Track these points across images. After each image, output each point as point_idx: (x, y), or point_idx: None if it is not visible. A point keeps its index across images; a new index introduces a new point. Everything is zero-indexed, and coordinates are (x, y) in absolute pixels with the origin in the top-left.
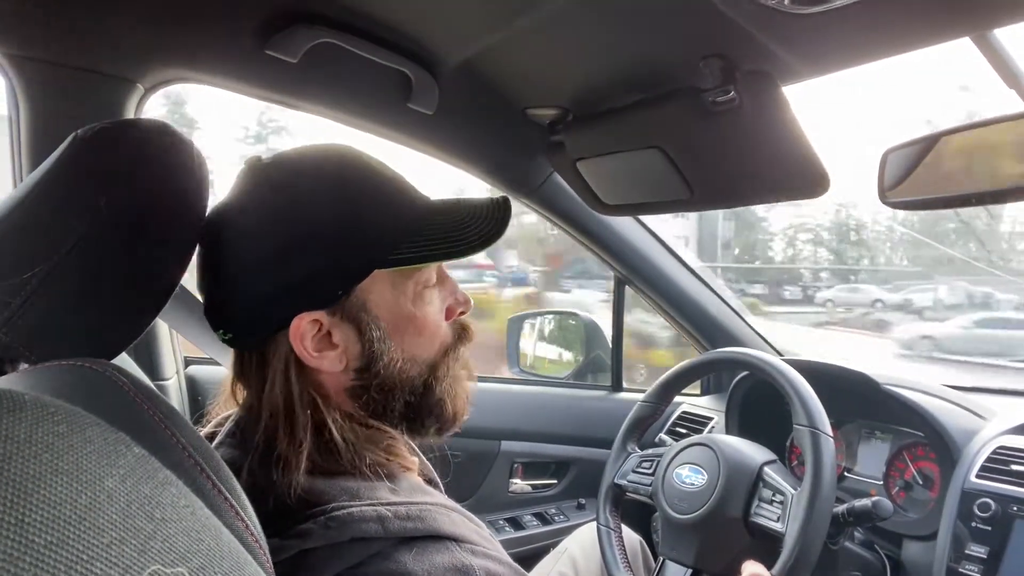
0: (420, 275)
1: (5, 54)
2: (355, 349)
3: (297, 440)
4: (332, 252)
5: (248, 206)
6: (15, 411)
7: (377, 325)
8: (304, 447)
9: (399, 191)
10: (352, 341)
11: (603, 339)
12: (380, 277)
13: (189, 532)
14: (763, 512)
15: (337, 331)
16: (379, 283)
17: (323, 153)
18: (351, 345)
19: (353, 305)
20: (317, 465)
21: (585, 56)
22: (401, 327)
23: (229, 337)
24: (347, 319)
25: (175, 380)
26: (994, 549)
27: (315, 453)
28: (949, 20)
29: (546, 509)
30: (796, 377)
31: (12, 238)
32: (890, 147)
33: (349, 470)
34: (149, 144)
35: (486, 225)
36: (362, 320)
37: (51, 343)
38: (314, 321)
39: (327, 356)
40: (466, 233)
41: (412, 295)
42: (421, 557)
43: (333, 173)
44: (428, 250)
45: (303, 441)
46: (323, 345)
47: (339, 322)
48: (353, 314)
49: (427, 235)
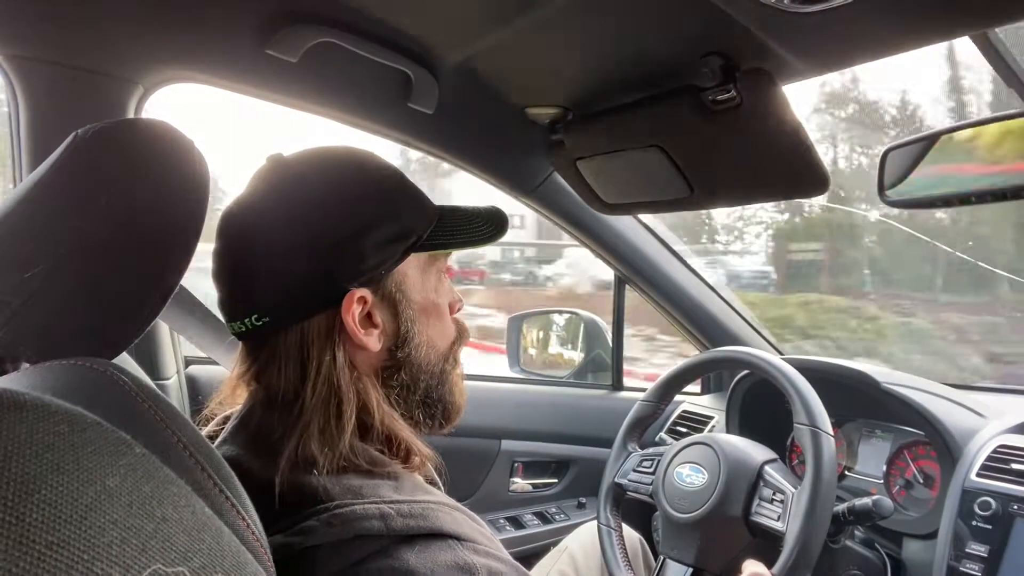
0: (440, 264)
1: (5, 54)
2: (391, 329)
3: (343, 421)
4: (375, 232)
5: (285, 192)
6: (16, 410)
7: (410, 307)
8: (349, 428)
9: (415, 186)
10: (389, 321)
11: (604, 338)
12: (411, 261)
13: (190, 531)
14: (764, 511)
15: (377, 311)
16: (411, 267)
17: (344, 149)
18: (388, 325)
19: (391, 286)
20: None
21: (585, 55)
22: (427, 311)
23: (264, 322)
24: (386, 299)
25: (175, 380)
26: (994, 548)
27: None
28: (949, 19)
29: (546, 508)
30: (797, 376)
31: (12, 238)
32: (890, 145)
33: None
34: (149, 144)
35: (489, 222)
36: (399, 301)
37: (52, 342)
38: (360, 299)
39: (371, 334)
40: (478, 227)
41: (435, 282)
42: (423, 555)
43: (364, 162)
44: (451, 238)
45: (349, 421)
46: (366, 324)
47: (379, 302)
48: (391, 295)
49: (447, 227)
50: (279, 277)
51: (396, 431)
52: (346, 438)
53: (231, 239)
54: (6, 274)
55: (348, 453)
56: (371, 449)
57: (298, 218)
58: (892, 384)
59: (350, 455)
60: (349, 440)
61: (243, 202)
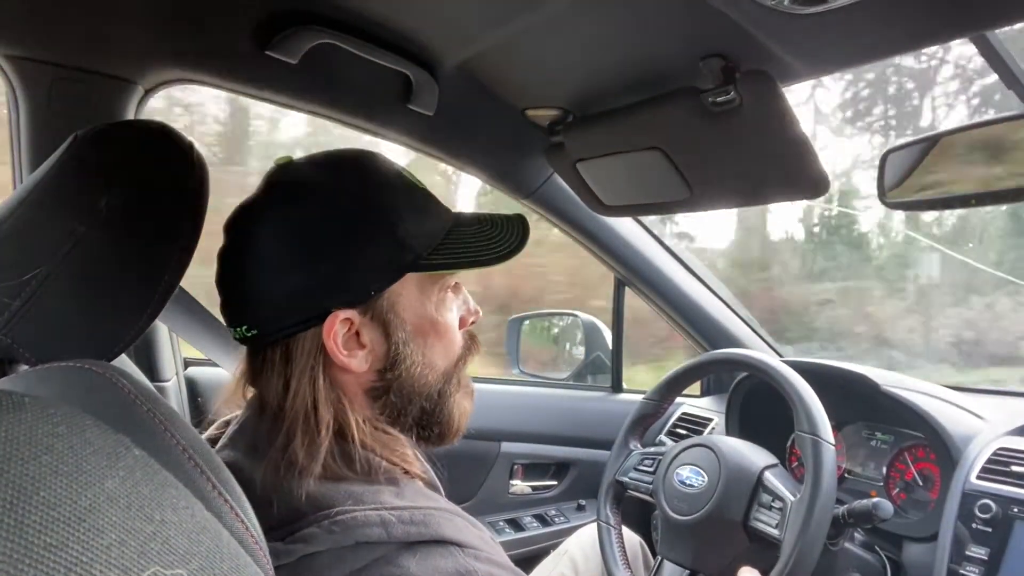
0: (445, 281)
1: (5, 54)
2: (381, 350)
3: (318, 439)
4: (368, 251)
5: (283, 202)
6: (15, 412)
7: (403, 328)
8: (323, 447)
9: (426, 197)
10: (379, 342)
11: (603, 340)
12: (409, 280)
13: (189, 534)
14: (762, 517)
15: (366, 331)
16: (408, 286)
17: (354, 155)
18: (377, 346)
19: (383, 306)
20: (326, 468)
21: (585, 57)
22: (424, 331)
23: (253, 334)
24: (376, 320)
25: (175, 382)
26: (994, 550)
27: (329, 455)
28: (949, 20)
29: (546, 510)
30: (799, 381)
31: (12, 239)
32: (890, 147)
33: (355, 474)
34: (149, 145)
35: (508, 238)
36: (390, 322)
37: (51, 345)
38: (345, 320)
39: (356, 355)
40: (490, 244)
41: (436, 301)
42: (424, 562)
43: (369, 173)
44: (456, 257)
45: (324, 440)
46: (352, 344)
47: (368, 322)
48: (382, 315)
49: (455, 242)
50: (268, 290)
51: (378, 450)
52: (321, 456)
53: (232, 244)
54: (6, 275)
55: (343, 463)
56: (372, 455)
57: (291, 231)
58: (892, 386)
59: (346, 463)
60: (348, 449)
61: (247, 206)
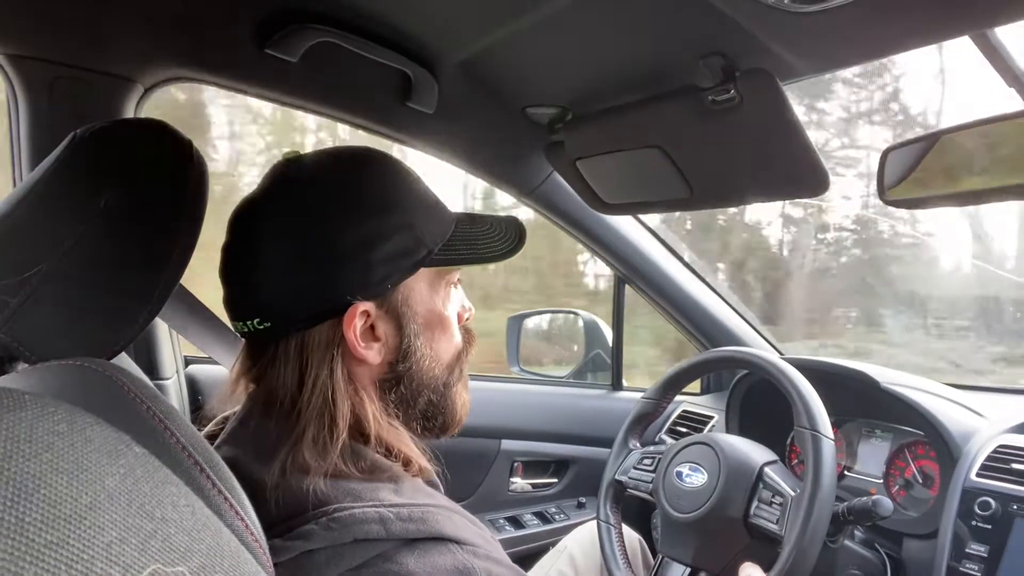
0: (450, 277)
1: (5, 54)
2: (393, 343)
3: (336, 431)
4: (388, 245)
5: (299, 196)
6: (15, 410)
7: (415, 320)
8: (340, 440)
9: (433, 195)
10: (392, 335)
11: (603, 338)
12: (421, 275)
13: (189, 531)
14: (763, 513)
15: (380, 324)
16: (419, 280)
17: (367, 152)
18: (391, 339)
19: (397, 299)
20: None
21: (585, 55)
22: (432, 325)
23: (266, 327)
24: (391, 313)
25: (175, 380)
26: (994, 548)
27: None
28: (949, 18)
29: (546, 508)
30: (798, 378)
31: (11, 237)
32: (890, 145)
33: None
34: (148, 143)
35: (507, 236)
36: (404, 315)
37: (51, 343)
38: (363, 312)
39: (372, 347)
40: (492, 241)
41: (443, 295)
42: (423, 559)
43: (386, 169)
44: (463, 253)
45: (342, 432)
46: (367, 337)
47: (384, 315)
48: (396, 308)
49: (461, 239)
50: (283, 284)
51: (392, 442)
52: (337, 449)
53: (238, 238)
54: (5, 273)
55: (343, 459)
56: (372, 453)
57: (306, 225)
58: (892, 384)
59: (349, 460)
60: (351, 445)
61: (254, 201)
